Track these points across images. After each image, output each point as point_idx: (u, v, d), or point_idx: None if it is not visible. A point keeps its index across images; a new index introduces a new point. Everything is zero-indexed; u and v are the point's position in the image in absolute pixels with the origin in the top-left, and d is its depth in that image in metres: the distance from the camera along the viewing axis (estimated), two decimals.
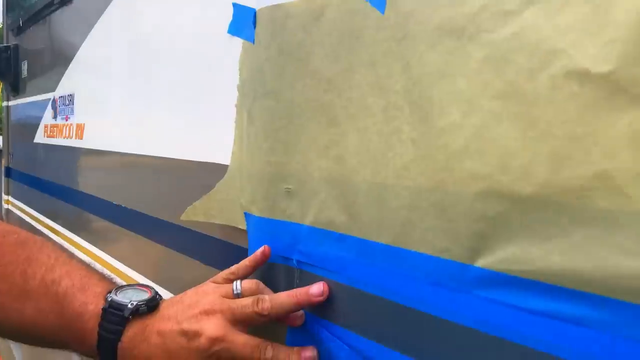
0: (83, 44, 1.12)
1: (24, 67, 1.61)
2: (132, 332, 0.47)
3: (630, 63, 0.26)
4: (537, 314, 0.31)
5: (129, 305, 0.47)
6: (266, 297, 0.47)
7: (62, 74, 1.24)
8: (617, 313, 0.27)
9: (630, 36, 0.26)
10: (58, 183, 1.28)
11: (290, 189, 0.50)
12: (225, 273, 0.51)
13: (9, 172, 1.79)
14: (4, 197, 1.86)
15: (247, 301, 0.47)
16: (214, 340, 0.45)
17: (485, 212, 0.33)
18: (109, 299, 0.48)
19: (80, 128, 1.12)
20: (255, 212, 0.54)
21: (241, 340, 0.45)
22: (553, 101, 0.30)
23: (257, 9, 0.54)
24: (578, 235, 0.29)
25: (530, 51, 0.31)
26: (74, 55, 1.17)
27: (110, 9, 0.98)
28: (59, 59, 1.28)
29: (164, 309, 0.49)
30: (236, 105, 0.58)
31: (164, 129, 0.80)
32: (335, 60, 0.45)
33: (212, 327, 0.45)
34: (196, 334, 0.45)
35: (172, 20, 0.77)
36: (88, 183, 1.12)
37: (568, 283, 0.29)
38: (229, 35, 0.59)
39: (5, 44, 1.72)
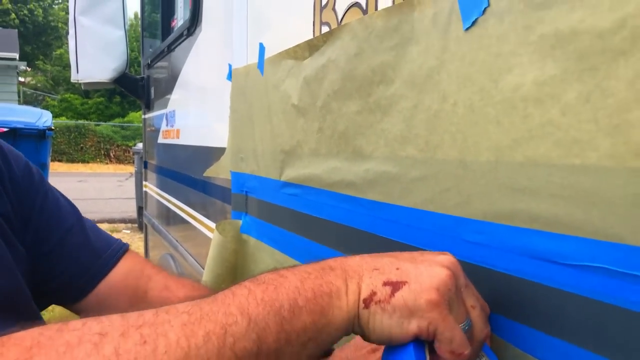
0: (179, 76, 1.75)
1: (152, 91, 2.33)
2: None
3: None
4: (296, 196, 0.80)
5: None
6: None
7: (170, 96, 1.90)
8: (309, 192, 0.76)
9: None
10: (168, 168, 1.94)
11: (242, 157, 1.02)
12: None
13: (145, 165, 2.55)
14: (144, 182, 2.62)
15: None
16: None
17: (281, 157, 0.83)
18: None
19: (178, 132, 1.75)
20: (233, 169, 1.07)
21: None
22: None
23: (232, 67, 1.07)
24: (304, 161, 0.78)
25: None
26: (175, 84, 1.81)
27: (191, 55, 1.58)
28: (169, 86, 1.94)
29: (335, 352, 0.56)
30: (229, 117, 1.12)
31: (219, 130, 1.37)
32: (252, 95, 0.96)
33: None
34: None
35: (218, 63, 1.34)
36: (182, 166, 1.74)
37: (303, 182, 0.78)
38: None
39: (142, 76, 2.47)
